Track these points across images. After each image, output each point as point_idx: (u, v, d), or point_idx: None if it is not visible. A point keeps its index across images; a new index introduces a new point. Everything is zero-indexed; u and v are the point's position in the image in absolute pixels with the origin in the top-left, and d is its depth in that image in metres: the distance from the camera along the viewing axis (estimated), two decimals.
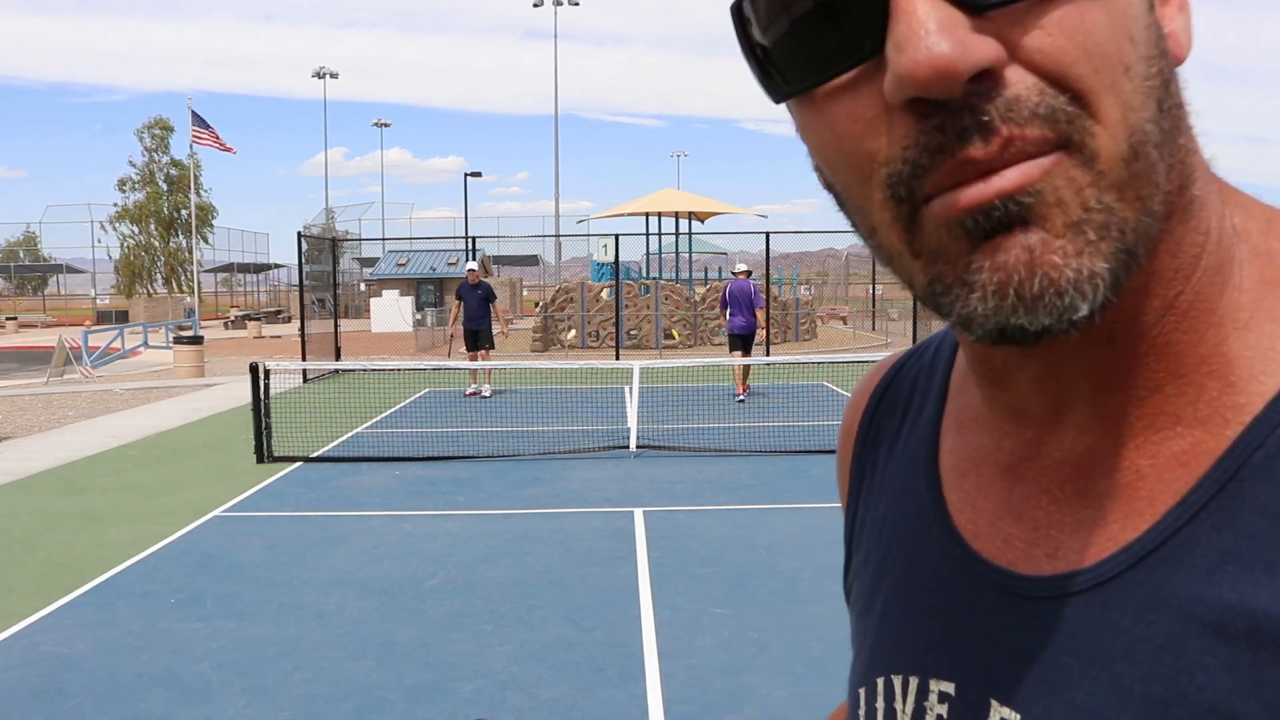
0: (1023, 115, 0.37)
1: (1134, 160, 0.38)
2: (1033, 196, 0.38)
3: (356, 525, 6.95)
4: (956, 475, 0.54)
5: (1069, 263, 0.38)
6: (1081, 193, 0.38)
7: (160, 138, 51.01)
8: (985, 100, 0.37)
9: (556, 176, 47.15)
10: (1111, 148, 0.38)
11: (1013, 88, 0.37)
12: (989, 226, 0.38)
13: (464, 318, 14.08)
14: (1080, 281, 0.38)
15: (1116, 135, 0.38)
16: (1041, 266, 0.38)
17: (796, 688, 4.12)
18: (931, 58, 0.36)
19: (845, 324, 33.13)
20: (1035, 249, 0.38)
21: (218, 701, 4.08)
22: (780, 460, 9.09)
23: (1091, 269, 0.38)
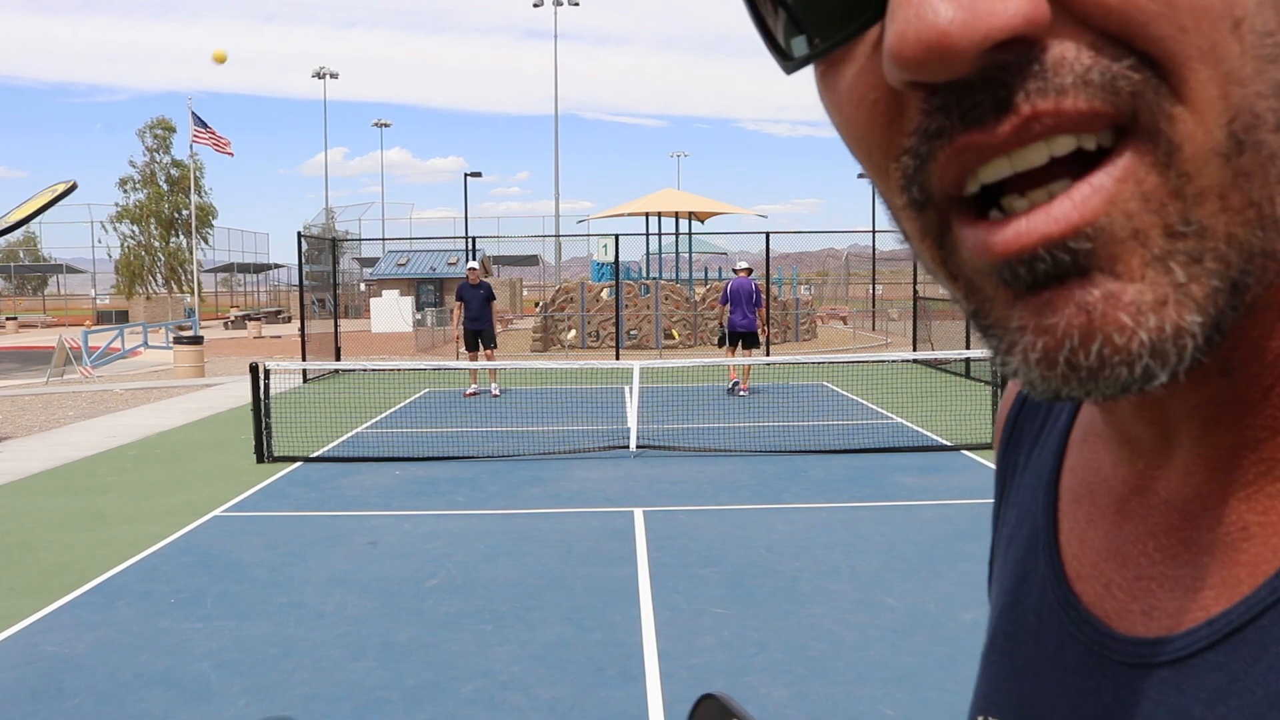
0: (1063, 83, 0.28)
1: (1238, 154, 0.28)
2: (1093, 239, 0.29)
3: (356, 525, 6.95)
4: (1072, 499, 0.46)
5: (1144, 321, 0.29)
6: (1163, 210, 0.28)
7: (162, 138, 51.02)
8: (1010, 72, 0.29)
9: (556, 176, 47.15)
10: (1201, 139, 0.28)
11: (1055, 50, 0.28)
12: (1034, 279, 0.30)
13: (465, 317, 14.05)
14: (1160, 343, 0.29)
15: (1209, 120, 0.28)
16: (1104, 330, 0.29)
17: (796, 688, 4.12)
18: (922, 30, 0.28)
19: (845, 324, 33.12)
20: (1095, 308, 0.29)
21: (218, 701, 4.08)
22: (780, 460, 9.09)
23: (1178, 324, 0.29)
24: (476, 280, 14.09)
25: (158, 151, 51.27)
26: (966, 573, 5.64)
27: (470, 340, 14.16)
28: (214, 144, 32.68)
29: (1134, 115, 0.28)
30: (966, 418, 10.59)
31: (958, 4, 0.27)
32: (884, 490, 7.80)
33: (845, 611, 5.03)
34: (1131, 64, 0.28)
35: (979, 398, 11.65)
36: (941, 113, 0.30)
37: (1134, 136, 0.29)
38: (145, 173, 51.35)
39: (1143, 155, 0.29)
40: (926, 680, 4.16)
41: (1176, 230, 0.29)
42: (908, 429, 10.79)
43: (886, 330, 28.21)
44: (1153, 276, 0.29)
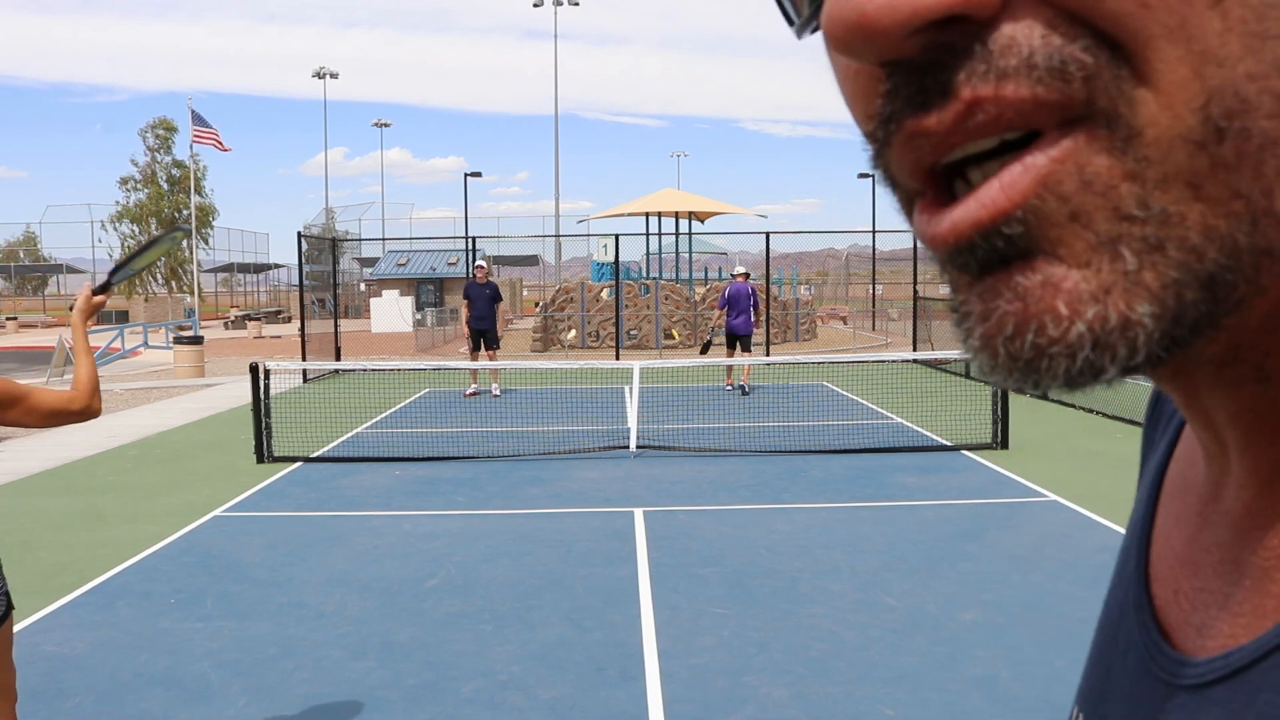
0: (1006, 67, 0.26)
1: (1216, 141, 0.26)
2: (1023, 223, 0.27)
3: (356, 525, 6.95)
4: (1170, 494, 0.44)
5: (1083, 310, 0.27)
6: (1112, 193, 0.26)
7: (164, 138, 51.05)
8: (955, 54, 0.27)
9: (556, 176, 47.13)
10: (1166, 123, 0.26)
11: (1004, 31, 0.26)
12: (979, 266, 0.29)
13: (472, 316, 14.02)
14: (1104, 335, 0.27)
15: (1178, 104, 0.26)
16: (1039, 318, 0.27)
17: (796, 688, 4.12)
18: (845, 10, 0.27)
19: (845, 324, 33.13)
20: (1031, 294, 0.27)
21: (218, 701, 4.08)
22: (780, 460, 9.09)
23: (1124, 315, 0.27)
24: (484, 279, 14.07)
25: (159, 151, 51.29)
26: (966, 573, 5.64)
27: (476, 339, 14.14)
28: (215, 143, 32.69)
29: (1089, 102, 0.26)
30: (966, 418, 10.59)
31: None
32: (884, 490, 7.80)
33: (845, 611, 5.03)
34: (1086, 45, 0.26)
35: (979, 398, 11.65)
36: (894, 95, 0.28)
37: (1089, 119, 0.26)
38: (146, 172, 51.37)
39: (1093, 137, 0.26)
40: (926, 680, 4.16)
41: (1129, 214, 0.26)
42: (908, 429, 10.79)
43: (886, 330, 28.21)
44: (1099, 263, 0.27)
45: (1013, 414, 9.77)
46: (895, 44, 0.27)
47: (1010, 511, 7.13)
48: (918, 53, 0.27)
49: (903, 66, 0.28)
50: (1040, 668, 4.27)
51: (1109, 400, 11.76)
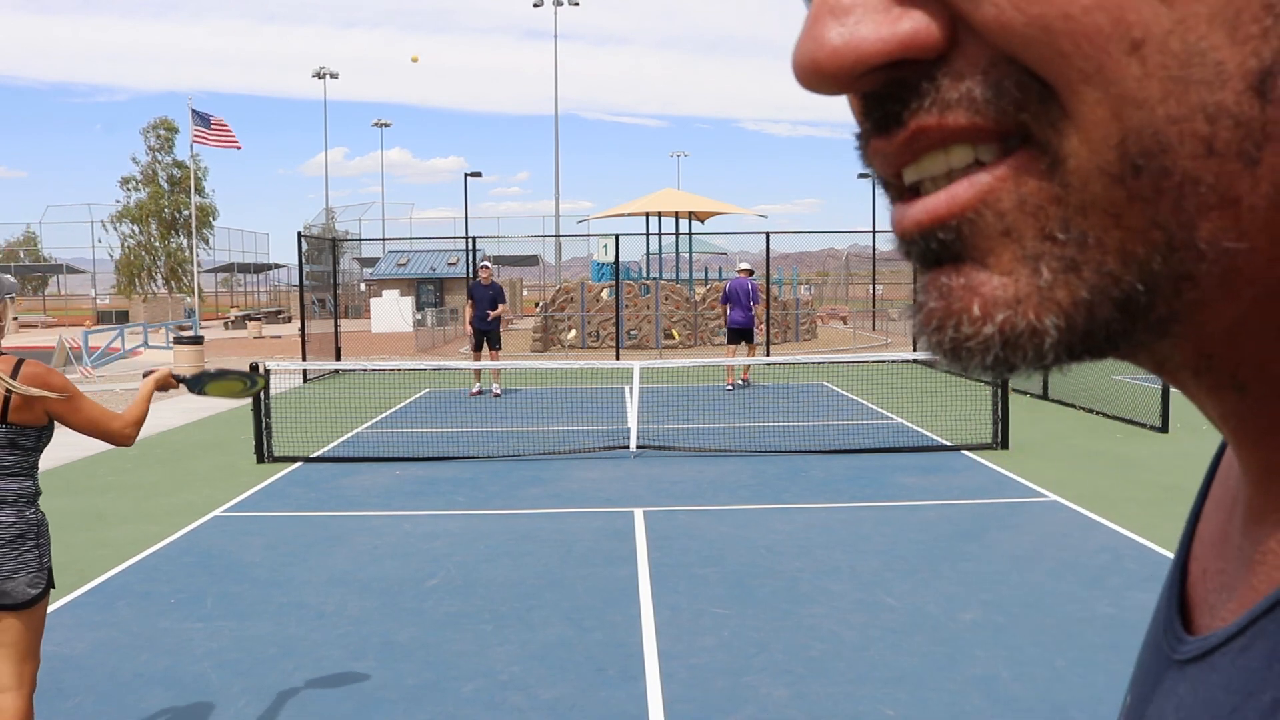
0: (949, 99, 0.29)
1: (1133, 176, 0.28)
2: (957, 230, 0.30)
3: (356, 525, 6.95)
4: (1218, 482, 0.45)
5: (993, 314, 0.30)
6: (1040, 214, 0.29)
7: (165, 138, 51.06)
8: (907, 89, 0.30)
9: (556, 176, 47.15)
10: (1084, 155, 0.28)
11: (947, 69, 0.29)
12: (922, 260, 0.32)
13: (475, 317, 14.12)
14: (1012, 337, 0.30)
15: (1094, 140, 0.28)
16: (954, 315, 0.30)
17: (796, 688, 4.12)
18: (801, 55, 0.30)
19: (845, 324, 33.13)
20: (953, 293, 0.30)
21: (218, 701, 4.08)
22: (780, 460, 9.09)
23: (1032, 324, 0.29)
24: (488, 280, 14.19)
25: (160, 151, 51.31)
26: (967, 573, 5.64)
27: (477, 339, 14.23)
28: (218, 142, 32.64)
29: (1024, 128, 0.29)
30: (966, 418, 10.59)
31: (839, 29, 0.29)
32: (884, 490, 7.80)
33: (845, 611, 5.03)
34: (1018, 81, 0.28)
35: (979, 398, 11.65)
36: (865, 117, 0.32)
37: (1026, 144, 0.29)
38: (147, 172, 51.39)
39: (1030, 161, 0.29)
40: (926, 680, 4.16)
41: (1053, 235, 0.29)
42: (908, 429, 10.79)
43: (886, 330, 28.21)
44: (1020, 274, 0.29)
45: (1013, 414, 9.77)
46: (848, 84, 0.30)
47: (1010, 511, 7.13)
48: (877, 86, 0.30)
49: (869, 96, 0.31)
50: (1040, 668, 4.27)
51: (1109, 400, 11.76)
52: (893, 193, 0.34)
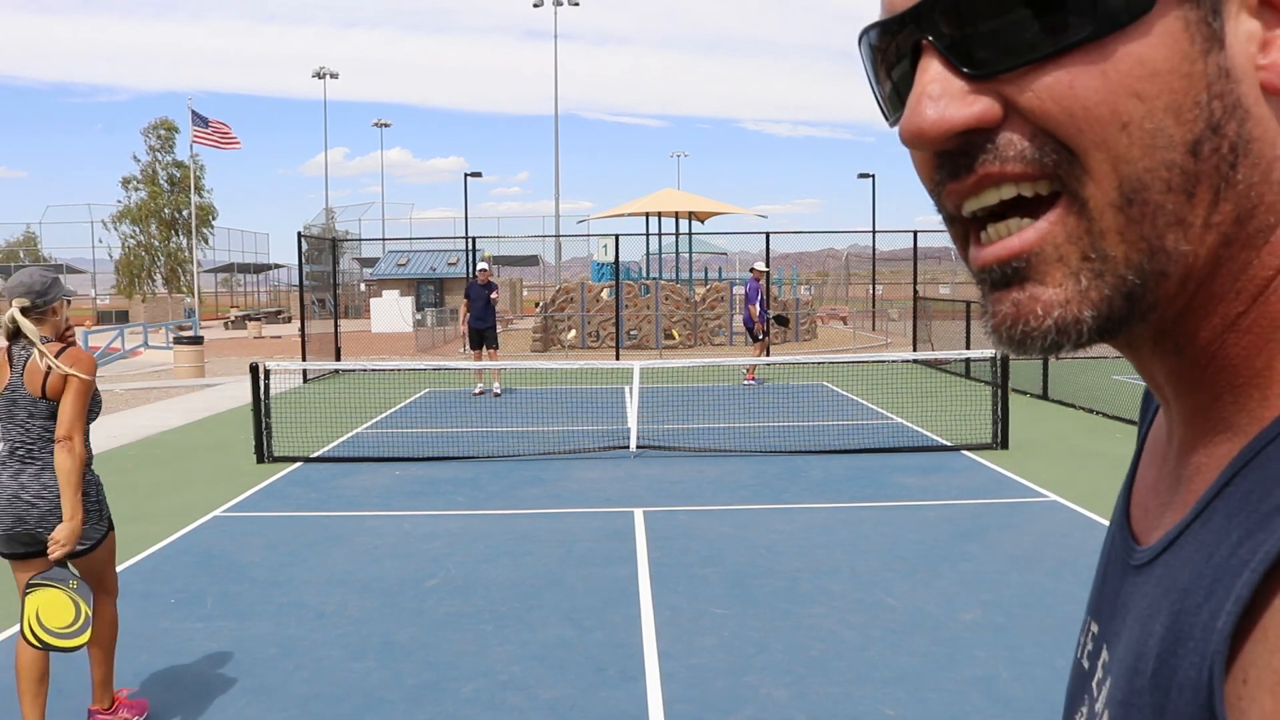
0: (1006, 155, 0.44)
1: (1128, 206, 0.43)
2: (1025, 262, 0.46)
3: (356, 525, 6.95)
4: (1148, 448, 0.61)
5: (1050, 313, 0.45)
6: (1080, 242, 0.44)
7: (165, 138, 51.04)
8: (976, 147, 0.45)
9: (556, 176, 47.11)
10: (1099, 196, 0.43)
11: (1004, 135, 0.44)
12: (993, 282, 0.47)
13: (471, 317, 14.17)
14: (1064, 326, 0.45)
15: (1105, 185, 0.43)
16: (1023, 316, 0.46)
17: (796, 688, 4.12)
18: (908, 124, 0.45)
19: (845, 324, 33.12)
20: (1021, 303, 0.46)
21: (218, 701, 4.08)
22: (780, 460, 9.09)
23: (1076, 316, 0.45)
24: (485, 280, 14.22)
25: (160, 151, 51.31)
26: (966, 573, 5.64)
27: (475, 339, 14.25)
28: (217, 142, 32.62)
29: (1060, 179, 0.44)
30: (966, 418, 10.59)
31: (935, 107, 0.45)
32: (884, 490, 7.80)
33: (845, 611, 5.03)
34: (1052, 147, 0.44)
35: (979, 398, 11.65)
36: (941, 169, 0.48)
37: (1065, 193, 0.44)
38: (147, 172, 51.38)
39: (1069, 206, 0.44)
40: (926, 680, 4.16)
41: (1088, 256, 0.44)
42: (908, 429, 10.79)
43: (886, 330, 28.21)
44: (1067, 285, 0.45)
45: (1013, 414, 9.77)
46: (940, 143, 0.46)
47: (1010, 511, 7.13)
48: (954, 146, 0.46)
49: (946, 154, 0.47)
50: (1040, 668, 4.27)
51: (1109, 401, 11.77)
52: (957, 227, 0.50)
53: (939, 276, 44.54)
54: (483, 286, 14.16)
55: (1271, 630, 0.39)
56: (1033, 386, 13.08)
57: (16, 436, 3.64)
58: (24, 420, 3.63)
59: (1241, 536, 0.41)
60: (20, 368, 3.61)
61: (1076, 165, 0.43)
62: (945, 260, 45.27)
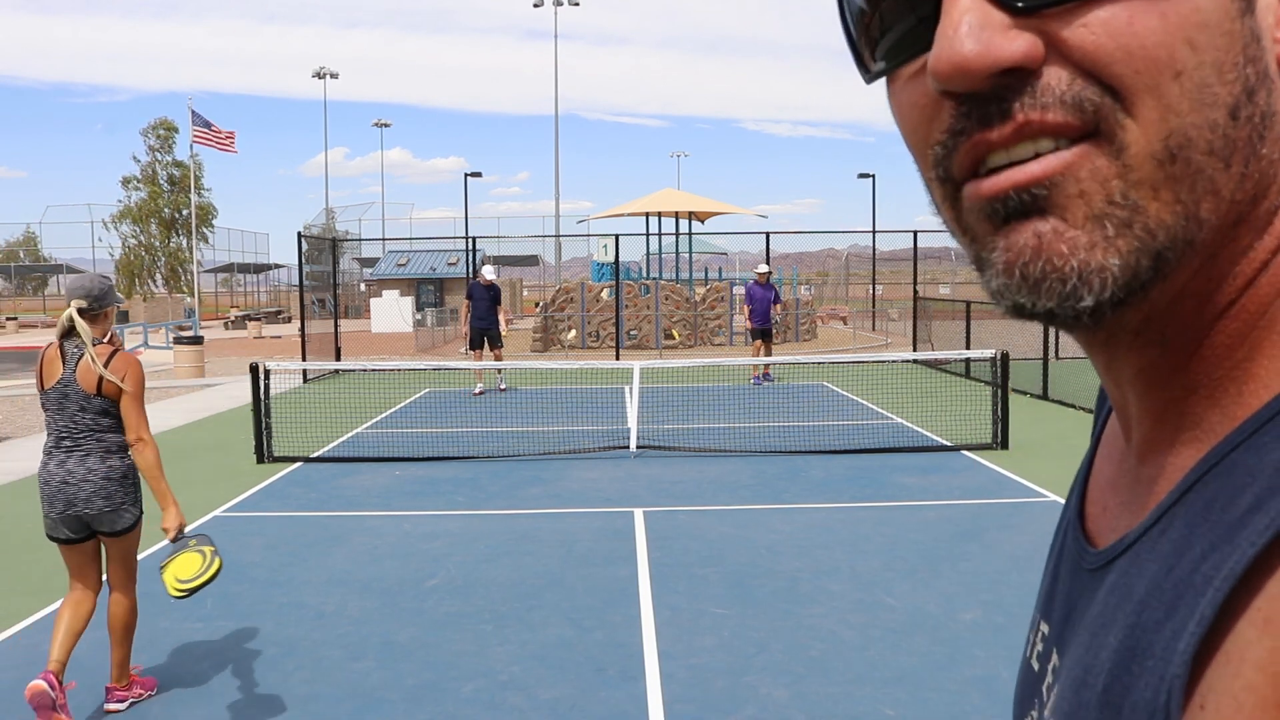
0: (1046, 101, 0.40)
1: (1170, 162, 0.39)
2: (1048, 189, 0.41)
3: (356, 525, 6.95)
4: (1103, 447, 0.59)
5: (1076, 253, 0.40)
6: (1107, 184, 0.40)
7: (165, 138, 51.06)
8: (1013, 91, 0.40)
9: (557, 176, 47.12)
10: (1142, 144, 0.39)
11: (1045, 78, 0.40)
12: (1007, 213, 0.42)
13: (473, 317, 14.37)
14: (1087, 273, 0.40)
15: (1150, 134, 0.39)
16: (1046, 252, 0.41)
17: (796, 688, 4.12)
18: (950, 56, 0.40)
19: (845, 324, 33.11)
20: (1044, 235, 0.41)
21: (219, 701, 4.09)
22: (780, 460, 9.09)
23: (1101, 263, 0.40)
24: (488, 283, 14.48)
25: (159, 151, 51.31)
26: (966, 573, 5.64)
27: (476, 339, 14.41)
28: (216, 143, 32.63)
29: (1096, 125, 0.40)
30: (966, 418, 10.59)
31: (976, 39, 0.39)
32: (884, 490, 7.80)
33: (845, 611, 5.03)
34: (1096, 91, 0.39)
35: (979, 398, 11.65)
36: (965, 117, 0.42)
37: (1096, 135, 0.40)
38: (146, 172, 51.38)
39: (1099, 146, 0.40)
40: (926, 680, 4.16)
41: (1114, 200, 0.40)
42: (908, 429, 10.79)
43: (886, 330, 28.21)
44: (1089, 227, 0.40)
45: (1013, 414, 9.77)
46: (980, 80, 0.40)
47: (1010, 511, 7.14)
48: (988, 89, 0.40)
49: (974, 100, 0.41)
50: None
51: None
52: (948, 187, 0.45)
53: (939, 276, 44.57)
54: (486, 288, 14.39)
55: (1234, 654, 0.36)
56: (1033, 386, 13.08)
57: (64, 427, 3.95)
58: (74, 413, 3.95)
59: (1205, 550, 0.39)
60: (73, 365, 3.92)
61: (1119, 108, 0.39)
62: (945, 260, 45.30)
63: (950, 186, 0.44)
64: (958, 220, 0.45)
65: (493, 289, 14.45)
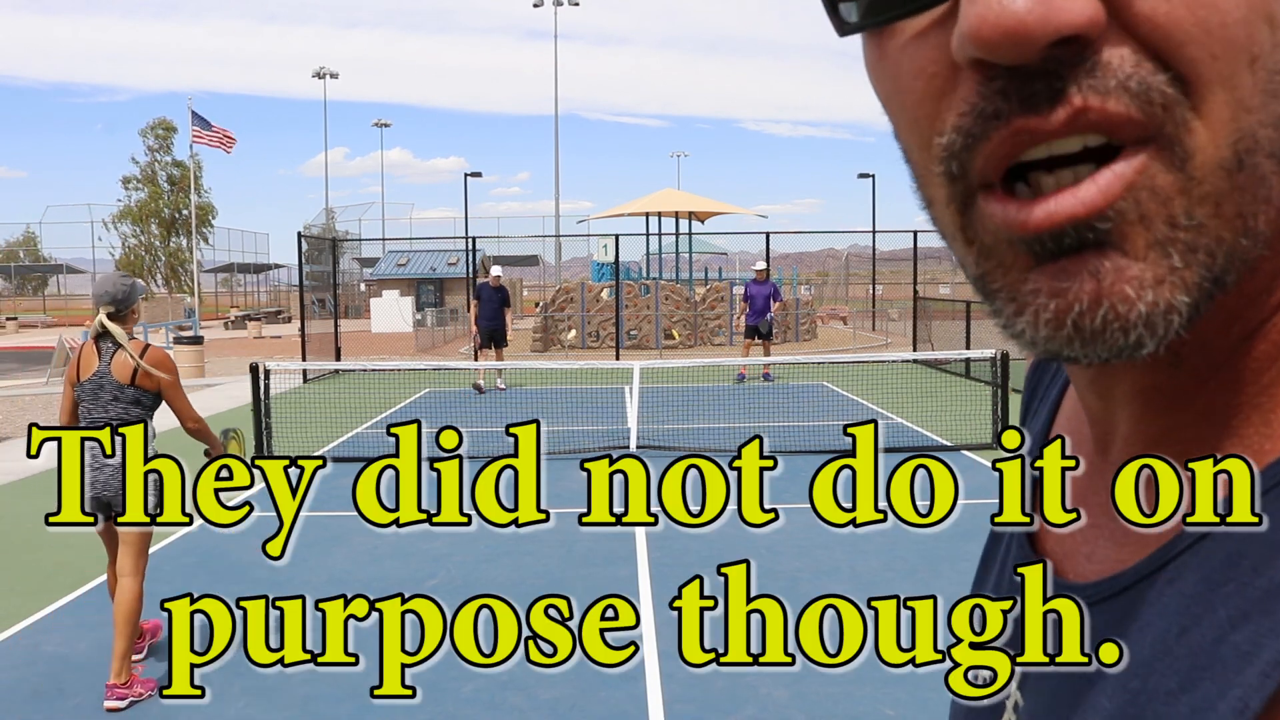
0: (1108, 85, 0.31)
1: (1238, 170, 0.32)
2: (1112, 221, 0.32)
3: (356, 525, 6.95)
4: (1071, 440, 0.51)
5: (1144, 295, 0.32)
6: (1169, 204, 0.32)
7: (163, 138, 51.10)
8: (1066, 66, 0.31)
9: (557, 176, 47.16)
10: (1210, 151, 0.32)
11: (1105, 55, 0.31)
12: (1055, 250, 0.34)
13: (481, 317, 14.69)
14: (1153, 316, 0.33)
15: (1219, 137, 0.32)
16: (1110, 298, 0.33)
17: (796, 688, 4.12)
18: (1002, 15, 0.30)
19: (845, 324, 33.13)
20: (1106, 278, 0.33)
21: (218, 701, 4.09)
22: (780, 460, 9.08)
23: (1170, 302, 0.33)
24: (497, 284, 14.83)
25: (159, 151, 51.34)
26: (966, 573, 5.64)
27: (485, 338, 14.75)
28: (216, 143, 32.65)
29: (1159, 125, 0.32)
30: (966, 418, 10.59)
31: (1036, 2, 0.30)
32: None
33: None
34: (1167, 79, 0.31)
35: (979, 398, 11.65)
36: (1000, 96, 0.33)
37: (1155, 140, 0.32)
38: (146, 172, 51.41)
39: (1159, 155, 0.32)
40: (926, 680, 4.17)
41: (1179, 222, 0.32)
42: (908, 429, 10.79)
43: (886, 330, 28.21)
44: (1153, 258, 0.32)
45: (1013, 414, 9.75)
46: (1035, 50, 0.31)
47: None
48: (1037, 62, 0.31)
49: (1016, 73, 0.32)
50: None
51: None
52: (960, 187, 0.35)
53: (939, 276, 44.58)
54: (495, 290, 14.72)
55: None
56: None
57: (97, 416, 4.30)
58: (108, 403, 4.29)
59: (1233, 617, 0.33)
60: (108, 359, 4.30)
61: (1186, 106, 0.31)
62: (945, 260, 45.29)
63: (962, 187, 0.35)
64: (964, 230, 0.37)
65: (501, 290, 14.75)
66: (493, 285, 14.76)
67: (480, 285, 15.02)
